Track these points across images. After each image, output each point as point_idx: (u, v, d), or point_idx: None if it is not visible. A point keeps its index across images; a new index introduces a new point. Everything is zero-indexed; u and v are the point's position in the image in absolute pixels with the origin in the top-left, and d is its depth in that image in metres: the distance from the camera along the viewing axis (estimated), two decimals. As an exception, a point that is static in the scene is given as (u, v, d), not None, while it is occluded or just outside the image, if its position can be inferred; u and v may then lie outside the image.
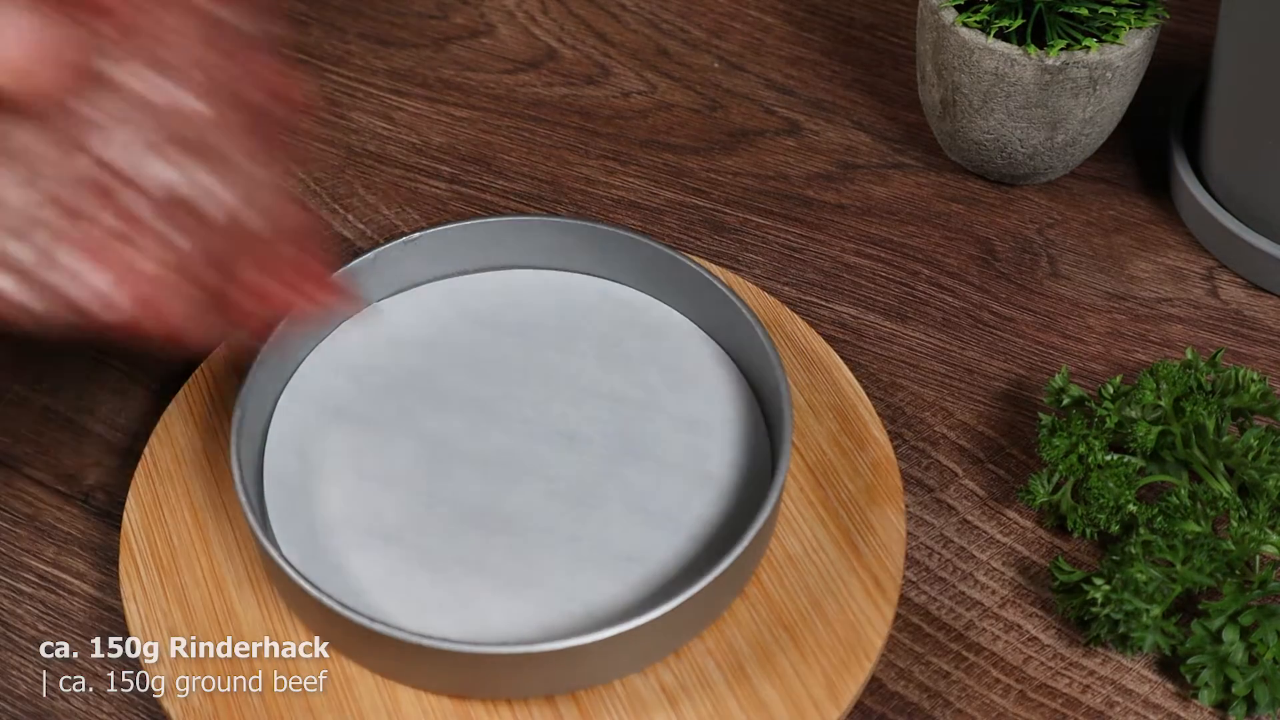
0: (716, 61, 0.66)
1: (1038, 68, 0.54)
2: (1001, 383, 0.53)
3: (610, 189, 0.60)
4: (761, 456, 0.47)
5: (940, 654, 0.46)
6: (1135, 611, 0.43)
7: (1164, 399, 0.47)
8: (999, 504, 0.50)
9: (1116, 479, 0.46)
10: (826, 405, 0.50)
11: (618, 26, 0.68)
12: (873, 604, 0.44)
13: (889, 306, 0.56)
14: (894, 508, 0.47)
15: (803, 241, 0.58)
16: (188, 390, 0.50)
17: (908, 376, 0.53)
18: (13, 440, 0.51)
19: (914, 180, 0.61)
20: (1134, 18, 0.54)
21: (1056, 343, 0.55)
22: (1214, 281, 0.57)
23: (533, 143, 0.62)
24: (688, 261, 0.50)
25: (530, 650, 0.40)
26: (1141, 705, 0.44)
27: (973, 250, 0.58)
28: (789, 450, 0.44)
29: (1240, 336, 0.55)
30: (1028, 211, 0.60)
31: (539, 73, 0.66)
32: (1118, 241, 0.59)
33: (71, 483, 0.50)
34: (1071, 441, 0.47)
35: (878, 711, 0.44)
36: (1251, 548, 0.44)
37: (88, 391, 0.52)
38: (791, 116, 0.64)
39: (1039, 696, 0.45)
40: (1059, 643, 0.46)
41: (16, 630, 0.46)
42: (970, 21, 0.55)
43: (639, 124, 0.63)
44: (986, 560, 0.48)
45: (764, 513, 0.43)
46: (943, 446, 0.51)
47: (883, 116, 0.64)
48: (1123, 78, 0.55)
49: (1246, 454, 0.46)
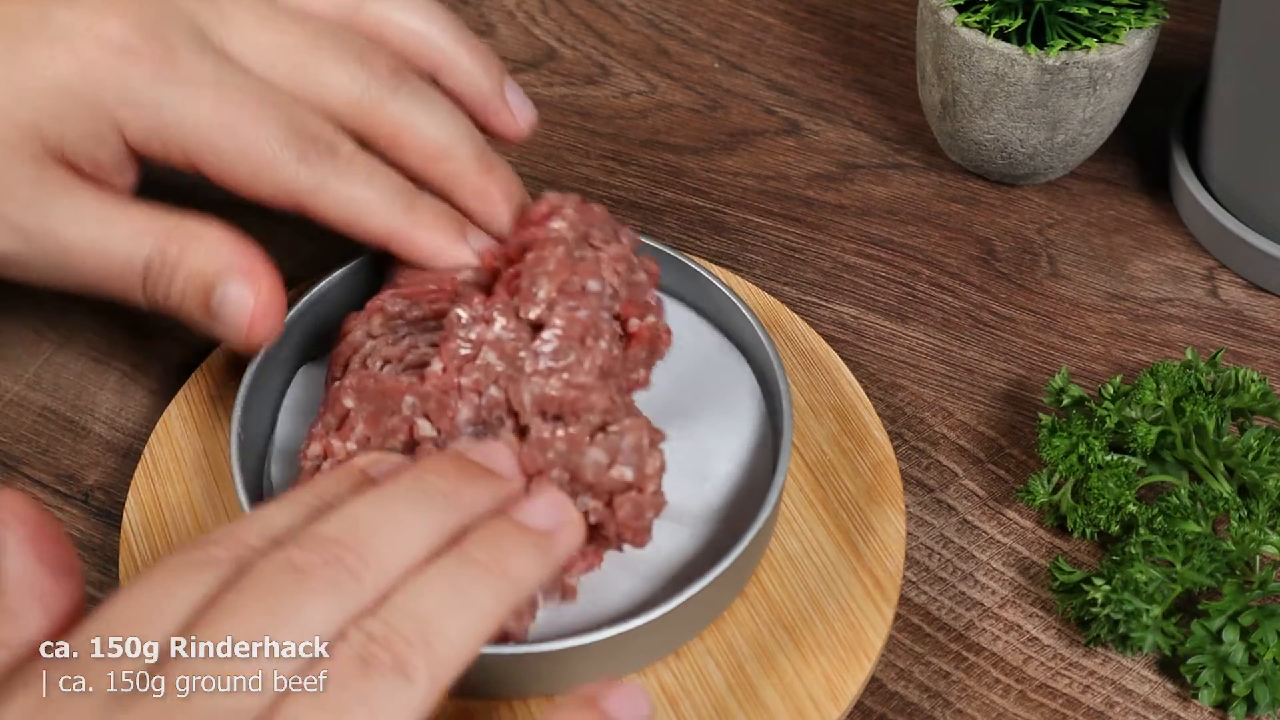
0: (716, 61, 0.66)
1: (1038, 68, 0.54)
2: (1001, 383, 0.53)
3: (610, 189, 0.60)
4: (762, 456, 0.47)
5: (940, 654, 0.46)
6: (1135, 611, 0.43)
7: (1164, 399, 0.47)
8: (999, 504, 0.50)
9: (1116, 479, 0.46)
10: (826, 405, 0.50)
11: (618, 26, 0.68)
12: (873, 604, 0.44)
13: (889, 306, 0.56)
14: (894, 508, 0.47)
15: (803, 241, 0.58)
16: (188, 390, 0.50)
17: (908, 376, 0.53)
18: (13, 440, 0.51)
19: (914, 180, 0.61)
20: (1134, 18, 0.54)
21: (1056, 343, 0.55)
22: (1214, 281, 0.57)
23: (533, 143, 0.62)
24: (688, 261, 0.50)
25: (529, 651, 0.40)
26: (1141, 705, 0.44)
27: (973, 250, 0.58)
28: (789, 450, 0.44)
29: (1240, 336, 0.55)
30: (1028, 211, 0.60)
31: (539, 73, 0.66)
32: (1118, 241, 0.59)
33: (71, 483, 0.50)
34: (1071, 441, 0.47)
35: (878, 711, 0.44)
36: (1251, 548, 0.44)
37: (87, 391, 0.52)
38: (791, 116, 0.64)
39: (1039, 696, 0.45)
40: (1059, 643, 0.46)
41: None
42: (970, 21, 0.55)
43: (639, 124, 0.63)
44: (986, 560, 0.48)
45: (764, 512, 0.43)
46: (943, 446, 0.51)
47: (883, 116, 0.64)
48: (1123, 78, 0.55)
49: (1246, 454, 0.46)
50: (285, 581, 0.32)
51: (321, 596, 0.32)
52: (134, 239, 0.42)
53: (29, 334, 0.54)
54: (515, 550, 0.34)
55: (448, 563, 0.33)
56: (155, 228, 0.42)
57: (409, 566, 0.33)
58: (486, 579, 0.33)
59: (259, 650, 0.31)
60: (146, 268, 0.42)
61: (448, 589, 0.33)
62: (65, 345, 0.53)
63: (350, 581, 0.32)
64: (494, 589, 0.33)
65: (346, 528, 0.33)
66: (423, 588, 0.33)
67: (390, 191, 0.44)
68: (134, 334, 0.53)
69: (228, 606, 0.31)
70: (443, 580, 0.33)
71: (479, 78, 0.47)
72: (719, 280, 0.49)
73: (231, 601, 0.31)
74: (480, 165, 0.46)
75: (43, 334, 0.54)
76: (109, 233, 0.42)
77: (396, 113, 0.44)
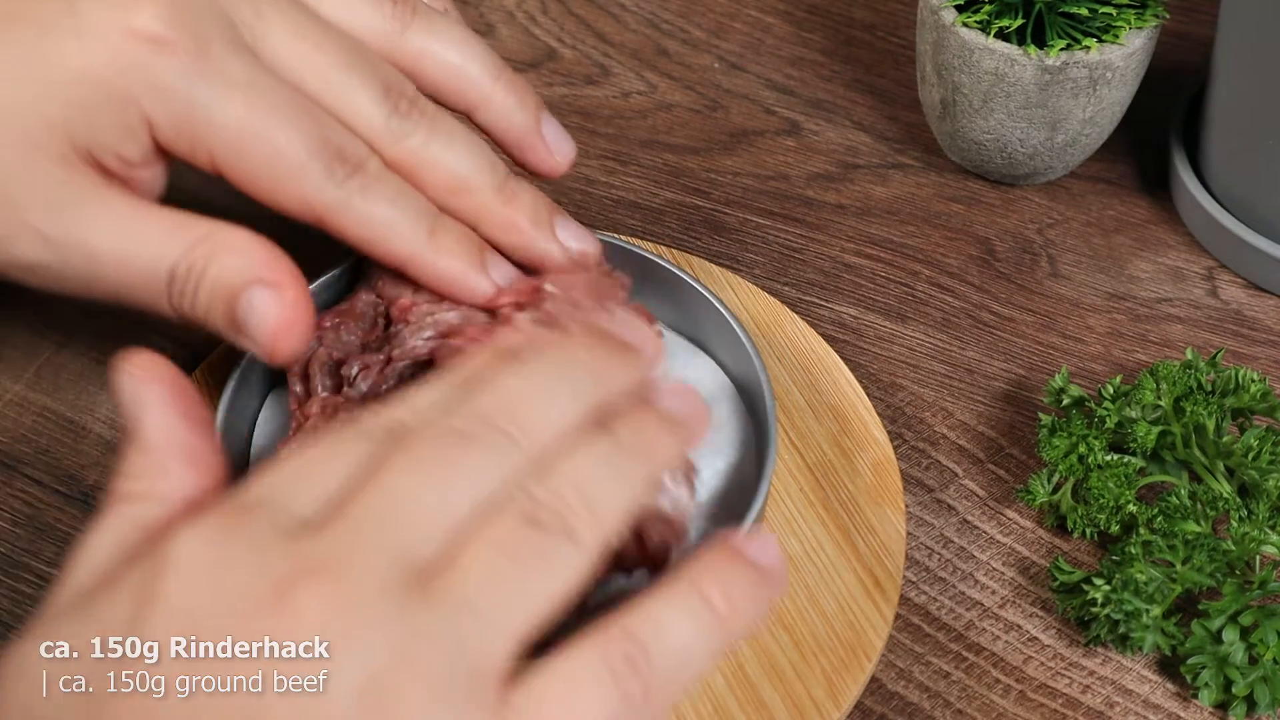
0: (716, 61, 0.66)
1: (1038, 68, 0.54)
2: (1001, 383, 0.53)
3: (610, 189, 0.60)
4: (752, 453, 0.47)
5: (940, 654, 0.46)
6: (1135, 611, 0.43)
7: (1164, 399, 0.47)
8: (999, 504, 0.50)
9: (1116, 479, 0.46)
10: (826, 405, 0.50)
11: (618, 26, 0.68)
12: (873, 604, 0.44)
13: (889, 306, 0.56)
14: (894, 508, 0.47)
15: (803, 241, 0.58)
16: (188, 390, 0.50)
17: (908, 376, 0.53)
18: (13, 440, 0.51)
19: (914, 180, 0.61)
20: (1134, 18, 0.54)
21: (1056, 343, 0.55)
22: (1214, 281, 0.57)
23: (533, 143, 0.62)
24: (662, 262, 0.49)
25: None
26: (1141, 705, 0.44)
27: (973, 250, 0.58)
28: (775, 441, 0.44)
29: (1240, 336, 0.55)
30: (1028, 211, 0.60)
31: (539, 73, 0.66)
32: (1118, 241, 0.59)
33: (71, 483, 0.50)
34: (1071, 441, 0.47)
35: (878, 711, 0.44)
36: (1251, 548, 0.44)
37: (87, 391, 0.52)
38: (791, 116, 0.64)
39: (1039, 697, 0.45)
40: (1059, 643, 0.46)
41: (17, 631, 0.46)
42: (970, 21, 0.55)
43: (639, 124, 0.63)
44: (986, 560, 0.48)
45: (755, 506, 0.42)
46: (943, 446, 0.51)
47: (883, 116, 0.64)
48: (1123, 78, 0.55)
49: (1246, 454, 0.46)
50: (450, 444, 0.32)
51: (488, 460, 0.32)
52: (161, 246, 0.42)
53: (29, 334, 0.54)
54: (658, 438, 0.36)
55: (601, 442, 0.34)
56: (182, 236, 0.42)
57: (561, 438, 0.34)
58: (636, 459, 0.34)
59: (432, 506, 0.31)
60: (171, 277, 0.41)
61: (603, 464, 0.34)
62: (65, 345, 0.53)
63: (513, 448, 0.33)
64: (643, 469, 0.35)
65: (500, 400, 0.34)
66: (581, 461, 0.33)
67: (414, 213, 0.44)
68: (134, 334, 0.53)
69: (395, 467, 0.32)
70: (598, 456, 0.34)
71: (515, 113, 0.47)
72: (690, 275, 0.49)
73: (399, 463, 0.32)
74: (502, 197, 0.45)
75: (43, 334, 0.54)
76: (136, 239, 0.42)
77: (416, 147, 0.44)
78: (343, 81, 0.43)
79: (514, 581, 0.31)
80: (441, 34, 0.46)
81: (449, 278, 0.44)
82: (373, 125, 0.43)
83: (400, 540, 0.31)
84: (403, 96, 0.44)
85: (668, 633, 0.32)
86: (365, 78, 0.44)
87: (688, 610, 0.33)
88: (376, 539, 0.30)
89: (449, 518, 0.31)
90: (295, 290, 0.41)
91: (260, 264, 0.41)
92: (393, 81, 0.44)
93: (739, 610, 0.34)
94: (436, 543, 0.31)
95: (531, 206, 0.46)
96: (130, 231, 0.42)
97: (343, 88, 0.43)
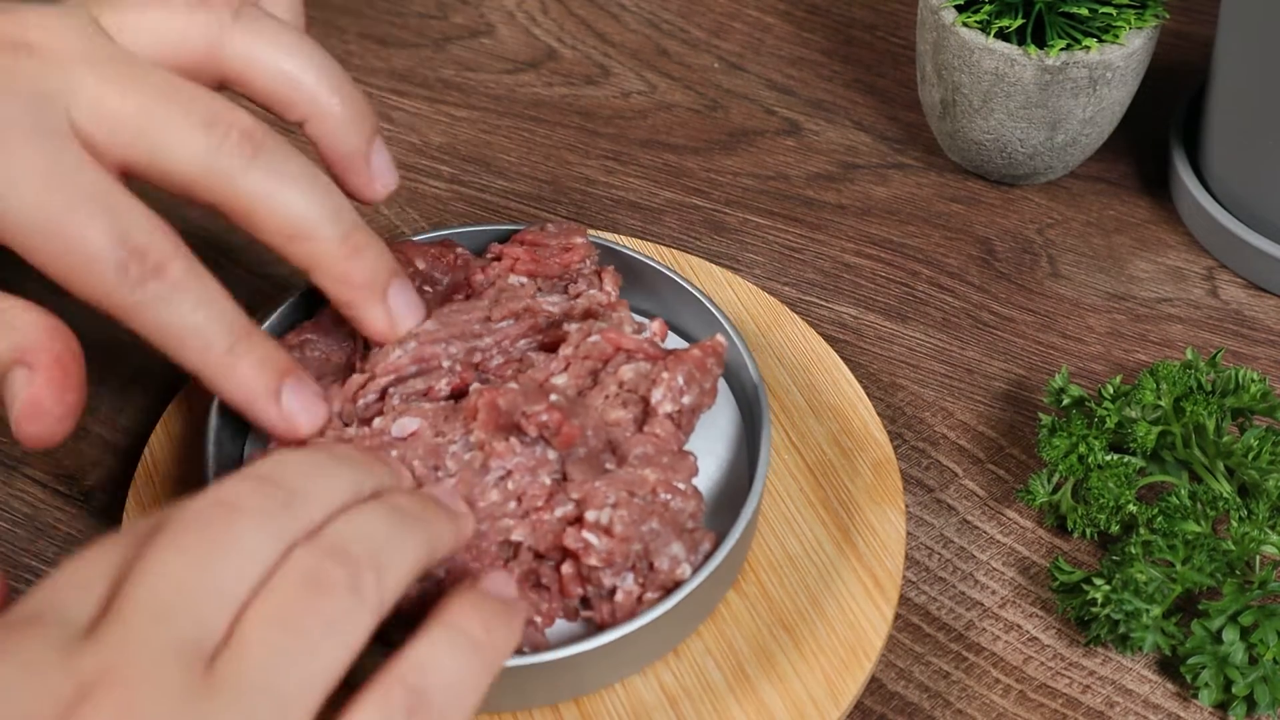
0: (716, 61, 0.66)
1: (1038, 68, 0.54)
2: (1001, 383, 0.53)
3: (610, 189, 0.60)
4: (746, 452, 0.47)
5: (940, 654, 0.46)
6: (1135, 611, 0.43)
7: (1164, 399, 0.47)
8: (999, 504, 0.50)
9: (1116, 479, 0.46)
10: (826, 405, 0.50)
11: (618, 26, 0.68)
12: (873, 604, 0.44)
13: (889, 306, 0.56)
14: (894, 508, 0.47)
15: (803, 241, 0.58)
16: (188, 390, 0.50)
17: (908, 376, 0.53)
18: (13, 440, 0.51)
19: (914, 180, 0.61)
20: (1134, 18, 0.54)
21: (1056, 343, 0.55)
22: (1214, 281, 0.57)
23: (533, 143, 0.62)
24: (651, 262, 0.49)
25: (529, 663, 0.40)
26: (1141, 705, 0.44)
27: (973, 250, 0.58)
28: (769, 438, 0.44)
29: (1240, 336, 0.55)
30: (1028, 211, 0.60)
31: (539, 73, 0.66)
32: (1118, 241, 0.59)
33: (71, 483, 0.50)
34: (1071, 441, 0.47)
35: (878, 711, 0.44)
36: (1251, 548, 0.44)
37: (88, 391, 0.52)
38: (791, 116, 0.64)
39: (1039, 696, 0.45)
40: (1059, 643, 0.46)
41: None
42: (970, 21, 0.55)
43: (639, 124, 0.63)
44: (986, 560, 0.48)
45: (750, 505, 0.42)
46: (943, 446, 0.51)
47: (883, 116, 0.64)
48: (1123, 78, 0.55)
49: (1246, 454, 0.46)
50: (214, 518, 0.32)
51: (258, 527, 0.32)
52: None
53: (29, 334, 0.54)
54: (432, 514, 0.36)
55: (377, 505, 0.35)
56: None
57: (335, 508, 0.34)
58: (415, 520, 0.35)
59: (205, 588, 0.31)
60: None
61: (382, 521, 0.34)
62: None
63: (282, 511, 0.33)
64: (422, 532, 0.35)
65: (273, 467, 0.34)
66: (359, 519, 0.34)
67: (214, 326, 0.41)
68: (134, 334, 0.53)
69: (158, 554, 0.31)
70: (378, 515, 0.34)
71: (347, 132, 0.43)
72: (677, 274, 0.49)
73: (161, 549, 0.31)
74: (345, 249, 0.42)
75: (43, 334, 0.54)
76: None
77: (250, 186, 0.40)
78: (157, 128, 0.40)
79: (299, 653, 0.30)
80: (269, 37, 0.42)
81: (238, 400, 0.42)
82: (197, 168, 0.40)
83: (178, 632, 0.30)
84: (231, 127, 0.40)
85: (439, 672, 0.33)
86: (184, 116, 0.40)
87: (453, 646, 0.33)
88: (153, 635, 0.30)
89: (225, 595, 0.31)
90: (51, 374, 0.40)
91: (26, 344, 0.40)
92: (219, 113, 0.40)
93: (498, 637, 0.35)
94: (216, 624, 0.30)
95: (372, 266, 0.43)
96: None
97: (158, 135, 0.40)
